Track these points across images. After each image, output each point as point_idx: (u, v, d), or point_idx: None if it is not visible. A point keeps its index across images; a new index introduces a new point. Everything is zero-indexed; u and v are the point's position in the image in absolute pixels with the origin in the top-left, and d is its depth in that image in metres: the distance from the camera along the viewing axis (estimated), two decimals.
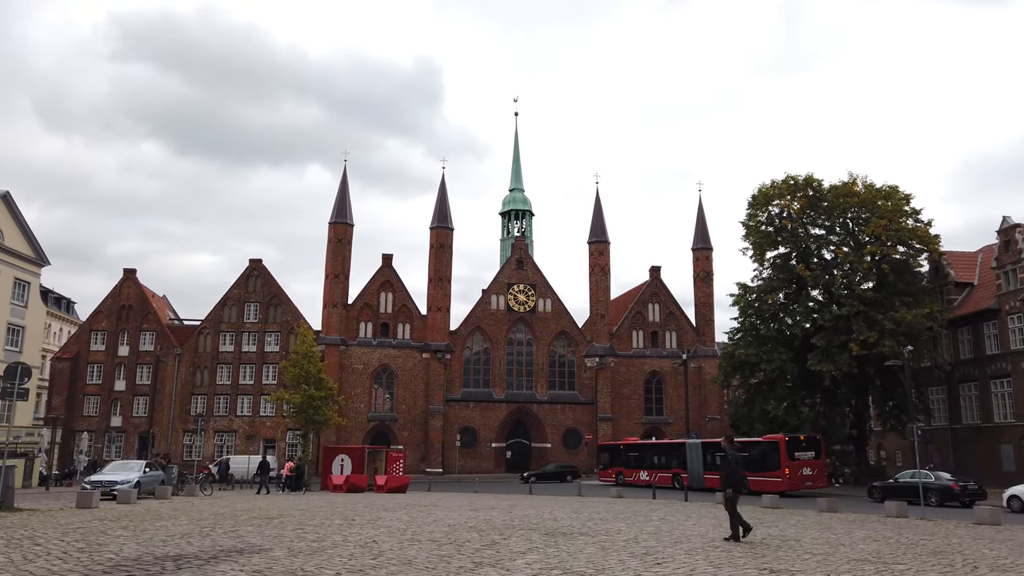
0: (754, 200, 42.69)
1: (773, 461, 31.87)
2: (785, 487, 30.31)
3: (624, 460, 41.22)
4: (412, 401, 56.60)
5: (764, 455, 32.31)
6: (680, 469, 36.32)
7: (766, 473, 31.21)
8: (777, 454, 31.83)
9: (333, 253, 56.77)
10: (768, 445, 32.77)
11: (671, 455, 38.18)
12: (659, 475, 37.09)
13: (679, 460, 36.94)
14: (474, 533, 12.79)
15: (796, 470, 31.45)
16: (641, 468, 38.97)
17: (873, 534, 14.87)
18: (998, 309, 38.64)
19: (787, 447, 31.78)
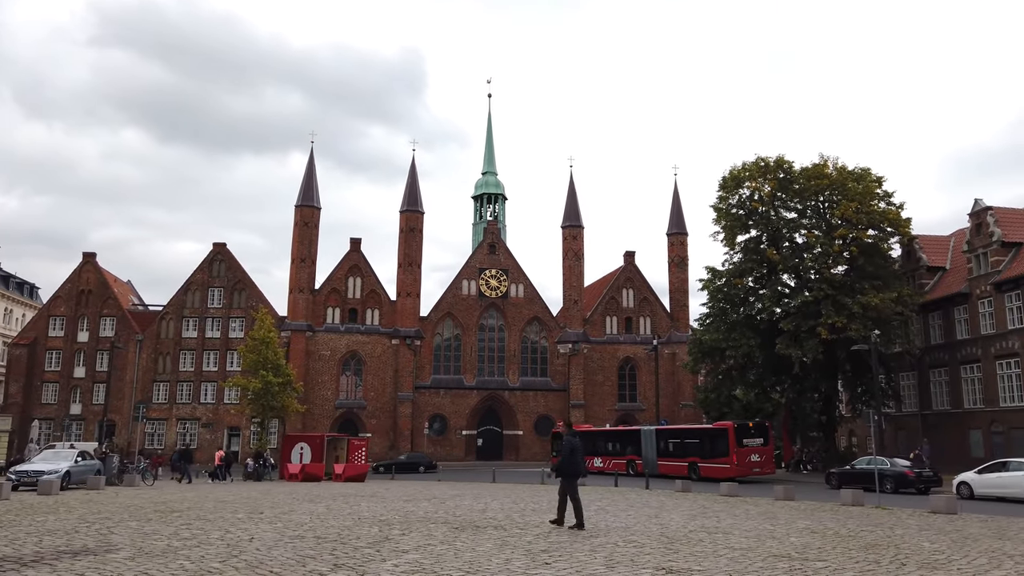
0: (725, 183, 41.76)
1: (722, 448, 32.05)
2: (733, 473, 30.37)
3: None
4: (381, 388, 55.57)
5: (713, 442, 32.66)
6: (635, 455, 36.40)
7: (715, 460, 31.76)
8: (726, 441, 31.95)
9: (299, 237, 55.44)
10: (717, 432, 32.97)
11: (625, 442, 38.16)
12: (613, 461, 37.09)
13: (634, 447, 36.98)
14: (375, 528, 11.82)
15: (744, 456, 31.65)
16: (595, 455, 38.99)
17: (814, 525, 14.02)
18: (969, 293, 38.02)
19: (736, 434, 31.92)
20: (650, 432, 36.74)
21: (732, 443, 31.71)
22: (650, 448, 35.74)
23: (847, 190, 38.18)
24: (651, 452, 35.53)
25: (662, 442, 35.38)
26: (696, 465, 32.55)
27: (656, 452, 35.18)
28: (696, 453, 33.30)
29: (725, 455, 31.56)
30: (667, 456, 34.52)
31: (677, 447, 34.76)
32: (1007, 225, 37.04)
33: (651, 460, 35.00)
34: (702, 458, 32.69)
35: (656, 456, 35.00)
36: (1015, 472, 22.60)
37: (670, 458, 34.35)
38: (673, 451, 34.65)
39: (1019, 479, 22.25)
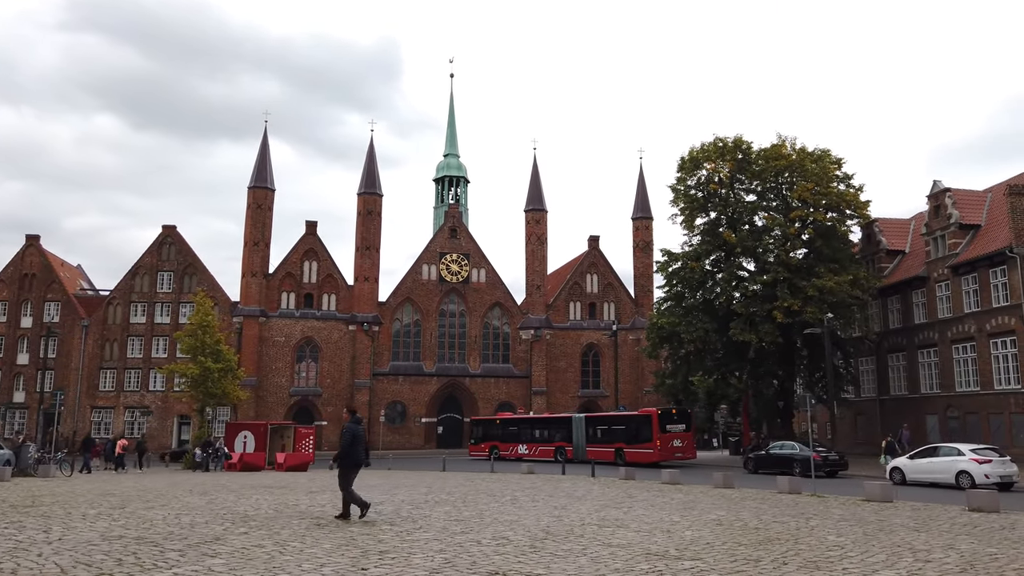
0: (683, 164, 40.75)
1: (646, 433, 33.00)
2: (657, 457, 31.66)
3: (500, 435, 41.08)
4: (337, 375, 54.21)
5: (638, 427, 33.74)
6: (564, 443, 36.74)
7: (639, 445, 32.96)
8: (650, 427, 32.90)
9: (252, 219, 53.73)
10: (642, 418, 34.08)
11: (554, 429, 38.50)
12: (539, 449, 37.37)
13: (563, 434, 37.37)
14: (222, 525, 10.65)
15: (667, 442, 32.67)
16: (519, 442, 39.17)
17: (728, 516, 13.05)
18: (926, 277, 37.43)
19: (659, 420, 32.93)
20: (580, 419, 37.44)
21: (656, 429, 32.59)
22: (580, 435, 36.36)
23: (805, 171, 37.32)
24: (581, 439, 36.17)
25: (590, 429, 36.21)
26: (622, 451, 33.51)
27: (585, 439, 35.92)
28: (622, 439, 34.27)
29: (649, 440, 32.52)
30: (595, 443, 35.35)
31: (605, 434, 35.65)
32: (965, 207, 36.42)
33: (581, 447, 35.69)
34: (627, 444, 33.68)
35: (585, 443, 35.72)
36: (944, 457, 22.36)
37: (598, 444, 35.14)
38: (601, 438, 35.54)
39: (948, 464, 21.98)
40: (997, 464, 21.29)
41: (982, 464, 21.15)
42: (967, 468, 21.34)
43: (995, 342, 32.89)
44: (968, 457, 21.56)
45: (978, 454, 21.58)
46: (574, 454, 35.03)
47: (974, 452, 21.72)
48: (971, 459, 21.43)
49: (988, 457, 21.43)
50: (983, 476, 20.83)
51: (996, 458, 21.40)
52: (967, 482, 20.87)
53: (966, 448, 22.24)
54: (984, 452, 21.77)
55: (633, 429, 33.95)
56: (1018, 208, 31.84)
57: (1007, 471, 21.36)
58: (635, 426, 34.04)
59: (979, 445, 23.33)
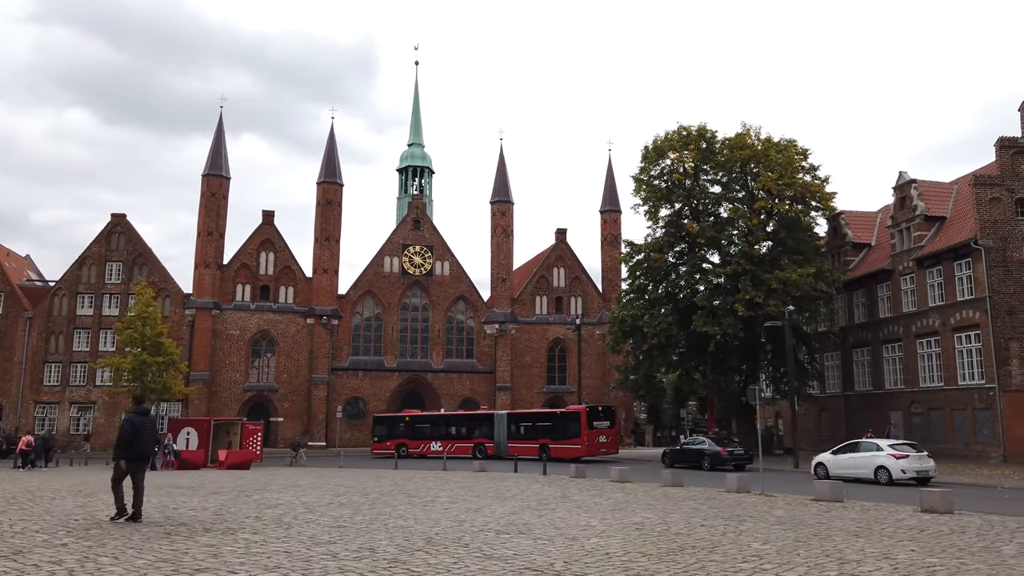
0: (647, 153, 39.62)
1: (574, 429, 33.75)
2: (583, 453, 32.53)
3: (410, 432, 40.70)
4: (295, 370, 52.48)
5: (566, 424, 34.54)
6: (484, 439, 37.21)
7: (568, 441, 33.70)
8: (578, 423, 33.73)
9: (206, 208, 51.80)
10: (570, 415, 34.89)
11: (473, 426, 38.76)
12: (456, 445, 37.58)
13: (483, 431, 37.78)
14: (37, 535, 9.19)
15: (593, 438, 33.66)
16: (433, 439, 39.21)
17: (654, 518, 11.82)
18: (891, 270, 36.66)
19: (588, 417, 33.88)
20: (502, 416, 38.04)
21: (584, 425, 33.48)
22: (501, 432, 36.86)
23: (770, 161, 36.35)
24: (502, 435, 36.68)
25: (513, 425, 36.78)
26: (547, 446, 34.02)
27: (507, 436, 36.40)
28: (547, 435, 34.92)
29: (577, 436, 33.33)
30: (518, 439, 35.91)
31: (529, 430, 36.23)
32: (931, 199, 35.68)
33: (502, 443, 36.25)
34: (553, 439, 34.38)
35: (507, 439, 36.21)
36: (865, 453, 22.52)
37: (521, 441, 35.74)
38: (524, 434, 36.11)
39: (867, 459, 22.11)
40: (914, 459, 21.52)
41: (899, 459, 21.37)
42: (885, 463, 21.54)
43: (959, 336, 32.14)
44: (886, 452, 21.78)
45: (896, 449, 21.85)
46: (495, 450, 35.50)
47: (892, 448, 22.00)
48: (889, 454, 21.64)
49: (905, 452, 21.69)
50: (900, 471, 21.06)
51: (913, 453, 21.80)
52: (885, 477, 21.15)
53: (885, 444, 22.54)
54: (902, 448, 22.07)
55: (560, 426, 34.68)
56: (983, 199, 31.10)
57: (923, 466, 21.56)
58: (562, 423, 34.74)
59: (898, 440, 23.84)
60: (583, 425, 33.49)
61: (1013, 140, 31.52)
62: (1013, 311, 30.09)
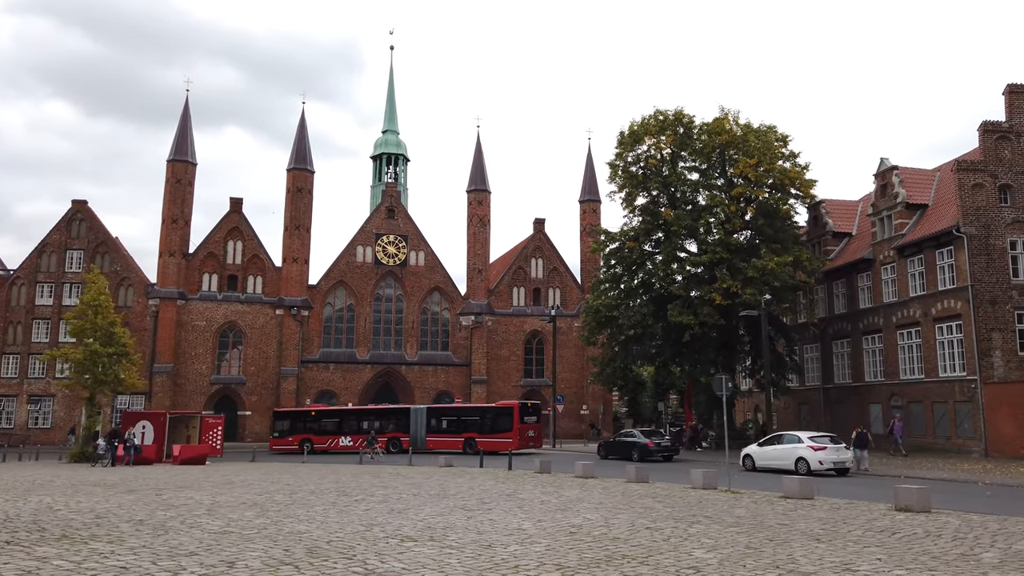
0: (623, 138, 38.36)
1: (507, 424, 34.86)
2: (515, 447, 33.16)
3: (316, 427, 39.86)
4: (263, 362, 50.88)
5: (496, 419, 35.83)
6: (399, 433, 37.31)
7: (499, 435, 34.51)
8: (511, 418, 35.01)
9: (171, 195, 50.04)
10: (503, 410, 36.32)
11: (387, 420, 38.68)
12: None
13: (397, 425, 37.97)
14: None
15: (524, 432, 34.82)
16: (342, 434, 38.59)
17: (597, 519, 10.58)
18: (872, 259, 35.61)
19: (520, 412, 35.22)
20: (419, 411, 38.31)
21: (516, 420, 34.72)
22: (419, 426, 37.21)
23: (748, 147, 35.18)
24: (420, 430, 37.11)
25: (433, 420, 37.43)
26: (473, 440, 34.70)
27: (426, 430, 36.98)
28: (475, 429, 35.96)
29: (509, 431, 34.28)
30: (439, 433, 36.74)
31: (453, 424, 37.16)
32: (912, 186, 34.66)
33: (420, 437, 36.65)
34: (482, 434, 35.25)
35: (426, 433, 36.78)
36: (787, 444, 23.26)
37: (443, 435, 36.57)
38: (448, 428, 37.00)
39: (789, 451, 22.82)
40: (831, 451, 22.20)
41: (817, 451, 22.16)
42: (804, 455, 22.32)
43: (940, 327, 31.15)
44: (806, 444, 22.53)
45: (815, 441, 22.58)
46: (411, 445, 35.56)
47: (811, 440, 22.71)
48: (808, 446, 22.38)
49: (824, 444, 22.39)
50: (818, 463, 21.89)
51: (831, 445, 22.48)
52: (804, 468, 21.92)
53: (805, 436, 23.28)
54: (820, 440, 22.74)
55: (490, 420, 35.95)
56: (966, 185, 30.07)
57: (840, 458, 22.34)
58: (493, 417, 36.08)
59: (818, 433, 24.44)
60: (516, 420, 34.79)
61: (997, 124, 30.51)
62: (996, 301, 29.12)
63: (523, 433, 34.79)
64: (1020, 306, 29.19)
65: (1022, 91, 30.57)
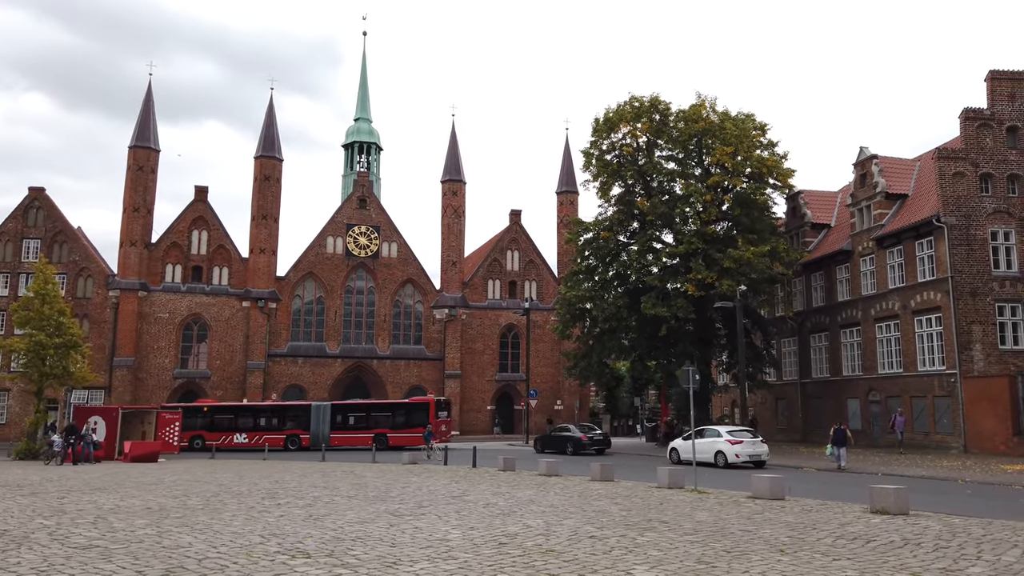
0: (597, 126, 37.22)
1: (423, 419, 35.10)
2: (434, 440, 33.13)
3: (209, 423, 38.66)
4: (229, 356, 49.30)
5: (411, 414, 36.35)
6: (299, 430, 36.99)
7: (413, 430, 34.86)
8: (427, 413, 35.53)
9: (133, 182, 48.28)
10: (418, 405, 36.85)
11: (286, 417, 38.13)
12: (267, 437, 36.68)
13: (297, 422, 37.46)
14: None
15: (438, 427, 34.88)
16: (237, 431, 37.86)
17: (541, 525, 9.42)
18: (851, 251, 34.77)
19: (435, 408, 35.90)
20: (322, 407, 37.82)
21: (433, 415, 35.22)
22: (321, 423, 36.85)
23: (725, 134, 34.15)
24: (323, 427, 36.72)
25: (339, 416, 37.17)
26: (385, 436, 35.32)
27: (331, 426, 36.67)
28: (386, 425, 36.34)
29: (424, 425, 34.01)
30: (345, 429, 36.62)
31: (360, 420, 37.23)
32: (892, 176, 33.83)
33: (323, 434, 36.25)
34: (394, 429, 35.88)
35: (330, 430, 36.45)
36: (708, 438, 24.23)
37: (349, 431, 36.56)
38: (355, 424, 37.00)
39: (709, 445, 23.80)
40: (748, 445, 23.10)
41: (734, 445, 23.17)
42: (722, 448, 23.39)
43: (919, 320, 30.33)
44: (724, 439, 23.62)
45: (732, 436, 23.66)
46: (311, 442, 35.68)
47: (729, 434, 23.84)
48: (726, 440, 23.48)
49: (741, 439, 23.36)
50: (734, 456, 22.90)
51: (748, 439, 23.41)
52: (722, 461, 23.09)
53: (723, 430, 24.50)
54: (737, 434, 23.80)
55: (404, 416, 36.46)
56: (946, 174, 29.23)
57: (756, 451, 23.22)
58: (407, 413, 36.54)
59: (736, 428, 25.45)
60: (432, 415, 35.29)
61: (979, 111, 29.67)
62: (976, 292, 28.30)
63: (438, 428, 34.99)
64: (1001, 298, 28.40)
65: (1004, 77, 29.75)
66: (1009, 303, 28.46)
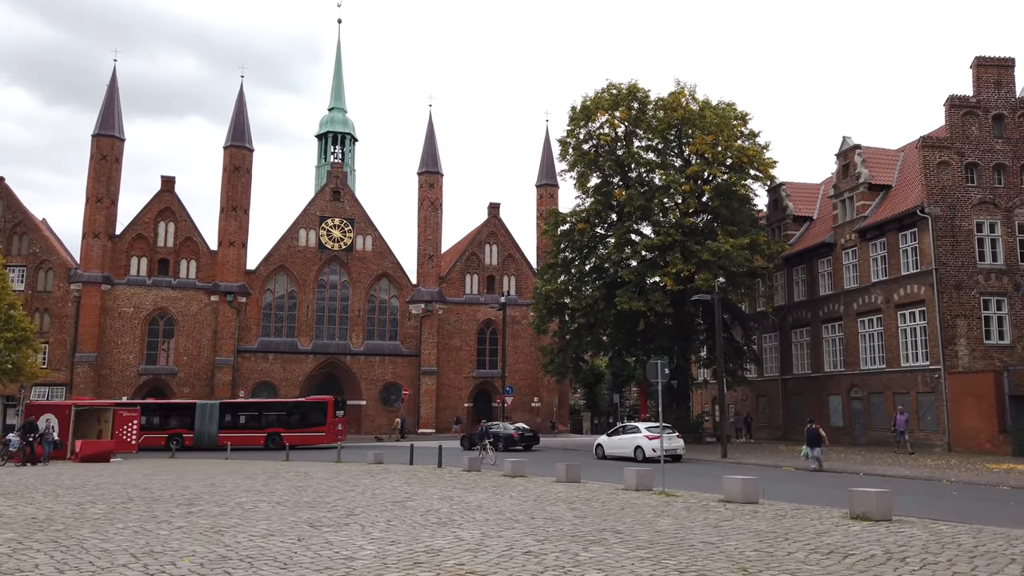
0: (574, 114, 36.05)
1: (319, 419, 35.17)
2: (328, 440, 34.18)
3: None
4: (196, 352, 47.70)
5: (307, 414, 35.89)
6: (183, 430, 36.09)
7: (311, 429, 35.06)
8: (324, 412, 35.31)
9: (96, 172, 46.53)
10: (315, 405, 36.31)
11: (168, 415, 37.30)
12: (146, 436, 35.33)
13: (180, 420, 36.68)
14: None
15: (334, 426, 35.11)
16: None
17: (476, 536, 8.22)
18: (833, 243, 33.84)
19: (333, 407, 35.64)
20: (208, 406, 37.17)
21: (330, 415, 35.11)
22: (208, 423, 36.19)
23: (705, 123, 33.09)
24: (210, 426, 36.09)
25: (228, 416, 36.54)
26: (278, 435, 34.60)
27: (219, 426, 36.00)
28: (280, 424, 35.65)
29: (322, 425, 34.80)
30: (235, 429, 35.89)
31: (252, 419, 36.60)
32: (876, 166, 32.92)
33: (209, 433, 35.77)
34: (289, 428, 35.22)
35: (218, 430, 35.79)
36: (629, 435, 25.81)
37: (240, 430, 35.83)
38: (246, 423, 36.44)
39: (629, 440, 25.43)
40: (665, 439, 23.03)
41: (651, 440, 24.19)
42: (641, 443, 24.78)
43: (903, 314, 29.41)
44: (643, 434, 24.94)
45: (650, 431, 24.72)
46: (195, 441, 35.20)
47: (648, 430, 25.02)
48: (644, 436, 24.81)
49: (657, 434, 23.60)
50: (652, 450, 23.81)
51: (666, 435, 23.51)
52: (641, 455, 24.41)
53: (643, 426, 25.84)
54: (654, 430, 24.51)
55: (300, 415, 35.95)
56: (931, 164, 28.31)
57: (672, 446, 24.20)
58: (303, 412, 36.06)
59: (655, 424, 25.62)
60: (329, 414, 35.11)
61: (964, 99, 28.77)
62: (961, 285, 27.41)
63: (334, 427, 35.09)
64: (986, 291, 27.54)
65: (991, 64, 28.86)
66: (995, 296, 27.59)
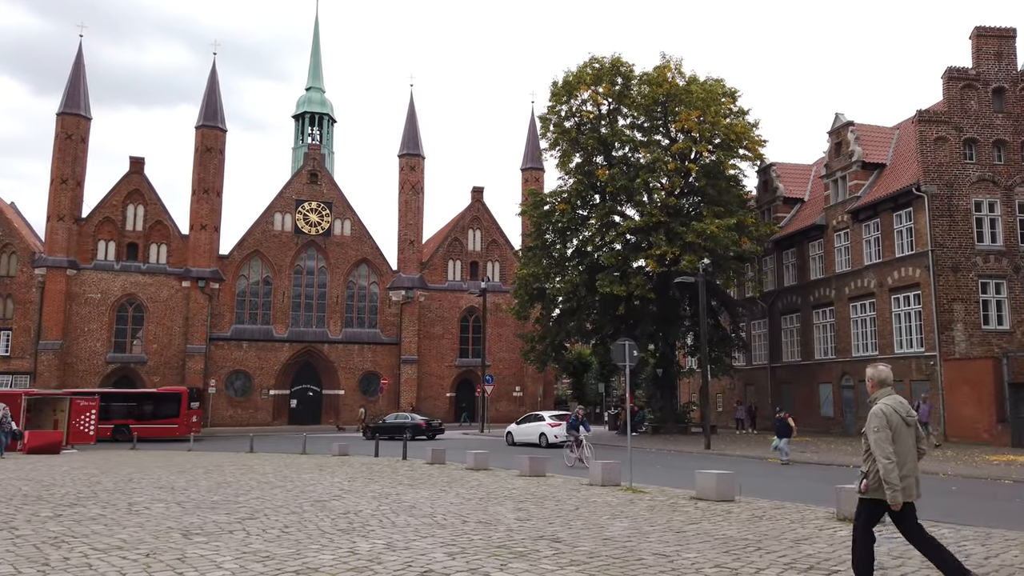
0: (556, 90, 34.42)
1: (172, 410, 34.37)
2: (182, 432, 32.76)
3: None
4: (167, 340, 46.01)
5: (162, 404, 34.91)
6: None
7: (164, 420, 34.14)
8: (178, 404, 34.48)
9: (61, 152, 44.64)
10: (168, 396, 35.30)
11: None
12: None
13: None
14: None
15: (188, 418, 34.25)
16: None
17: (400, 541, 6.68)
18: (824, 225, 32.37)
19: (188, 398, 34.79)
20: None
21: (184, 406, 34.28)
22: None
23: (691, 99, 31.50)
24: None
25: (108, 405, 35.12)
26: (127, 427, 33.08)
27: None
28: (130, 416, 34.41)
29: (175, 416, 33.92)
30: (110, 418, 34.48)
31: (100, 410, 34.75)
32: (869, 144, 31.41)
33: None
34: (140, 420, 34.00)
35: None
36: (535, 423, 27.88)
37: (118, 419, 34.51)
38: None
39: (535, 428, 27.50)
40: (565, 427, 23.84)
41: (554, 427, 26.38)
42: (545, 431, 26.89)
43: (897, 298, 27.99)
44: (546, 422, 27.16)
45: (553, 420, 27.07)
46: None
47: (551, 418, 27.48)
48: (548, 424, 26.98)
49: (559, 423, 25.89)
50: (554, 436, 25.92)
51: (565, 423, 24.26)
52: (545, 441, 26.44)
53: (547, 415, 28.27)
54: (557, 419, 26.84)
55: (152, 406, 35.01)
56: (927, 139, 26.80)
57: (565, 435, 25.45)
58: (156, 403, 35.16)
59: (558, 412, 29.20)
60: (183, 406, 34.35)
61: (963, 71, 27.24)
62: (958, 267, 25.97)
63: (188, 419, 34.15)
64: (985, 274, 26.11)
65: (991, 35, 27.33)
66: (993, 279, 26.18)
